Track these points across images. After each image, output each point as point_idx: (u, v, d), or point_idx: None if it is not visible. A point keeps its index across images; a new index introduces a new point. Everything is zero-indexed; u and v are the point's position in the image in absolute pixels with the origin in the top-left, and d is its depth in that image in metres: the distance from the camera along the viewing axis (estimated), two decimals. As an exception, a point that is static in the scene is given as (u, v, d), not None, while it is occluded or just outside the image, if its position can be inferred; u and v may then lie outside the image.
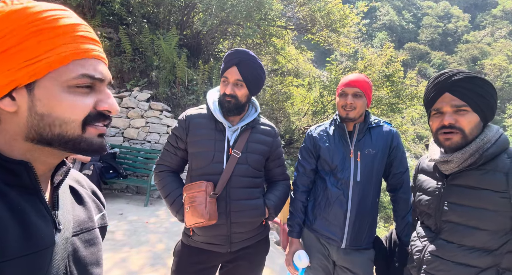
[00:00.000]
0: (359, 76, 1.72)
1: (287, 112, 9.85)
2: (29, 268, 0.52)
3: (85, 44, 0.58)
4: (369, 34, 45.04)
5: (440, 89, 1.18)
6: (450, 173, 1.20)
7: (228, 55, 1.56)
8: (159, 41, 6.52)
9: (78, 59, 0.57)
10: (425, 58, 43.95)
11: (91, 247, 0.69)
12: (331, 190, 1.68)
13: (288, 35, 9.65)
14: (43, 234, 0.56)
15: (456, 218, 1.16)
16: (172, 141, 1.65)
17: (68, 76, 0.55)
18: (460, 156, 1.13)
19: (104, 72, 0.61)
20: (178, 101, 6.58)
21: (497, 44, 43.22)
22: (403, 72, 8.81)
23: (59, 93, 0.55)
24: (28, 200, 0.56)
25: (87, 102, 0.58)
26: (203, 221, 1.44)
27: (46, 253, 0.56)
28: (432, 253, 1.21)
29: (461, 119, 1.13)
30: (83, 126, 0.58)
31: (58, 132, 0.56)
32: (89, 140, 0.60)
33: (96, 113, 0.60)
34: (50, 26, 0.54)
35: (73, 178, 0.77)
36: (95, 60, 0.60)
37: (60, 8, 0.58)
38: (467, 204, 1.13)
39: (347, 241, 1.65)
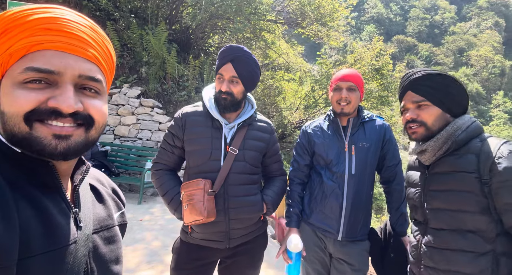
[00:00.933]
0: (352, 71, 1.75)
1: (279, 107, 9.86)
2: (51, 265, 0.53)
3: (45, 36, 0.55)
4: (357, 27, 45.20)
5: (404, 89, 1.30)
6: (430, 163, 1.26)
7: (222, 52, 1.56)
8: (148, 36, 6.42)
9: (31, 53, 0.54)
10: (412, 50, 44.39)
11: (111, 245, 0.70)
12: (327, 183, 1.71)
13: (278, 29, 9.61)
14: (65, 232, 0.57)
15: (439, 204, 1.21)
16: (168, 140, 1.64)
17: (15, 72, 0.54)
18: (433, 144, 1.21)
19: (61, 65, 0.56)
20: (169, 97, 6.52)
21: (483, 35, 43.91)
22: (392, 65, 8.90)
23: (9, 89, 0.54)
24: (51, 198, 0.58)
25: (31, 96, 0.54)
26: (201, 219, 1.45)
27: (68, 250, 0.56)
28: (427, 245, 1.24)
29: (422, 113, 1.23)
30: (28, 122, 0.54)
31: (9, 129, 0.54)
32: (39, 139, 0.54)
33: (47, 110, 0.55)
34: (16, 24, 0.54)
35: (94, 177, 0.78)
36: (56, 52, 0.56)
37: (43, 6, 0.57)
38: (446, 188, 1.19)
39: (343, 233, 1.69)
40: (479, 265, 1.09)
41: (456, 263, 1.14)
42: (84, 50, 0.59)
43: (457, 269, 1.14)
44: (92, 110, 0.60)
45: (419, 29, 47.16)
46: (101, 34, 0.64)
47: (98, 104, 0.62)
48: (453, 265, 1.15)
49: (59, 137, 0.56)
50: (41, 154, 0.56)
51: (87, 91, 0.60)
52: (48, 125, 0.55)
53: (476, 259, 1.10)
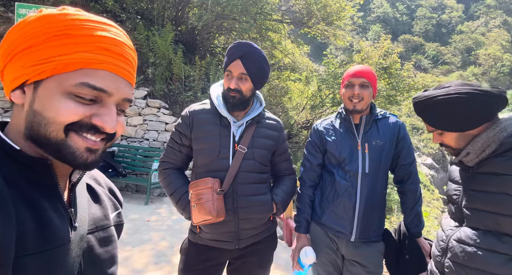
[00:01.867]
0: (365, 67, 1.70)
1: (285, 107, 9.81)
2: (45, 264, 0.53)
3: (104, 56, 0.57)
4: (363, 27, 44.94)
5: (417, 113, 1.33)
6: (474, 164, 1.22)
7: (231, 48, 1.53)
8: (154, 37, 6.44)
9: (87, 68, 0.56)
10: (419, 49, 43.96)
11: (106, 245, 0.70)
12: (340, 182, 1.67)
13: (284, 29, 9.57)
14: (59, 232, 0.57)
15: (478, 204, 1.16)
16: (175, 138, 1.62)
17: (68, 82, 0.55)
18: (471, 147, 1.18)
19: (113, 87, 0.59)
20: (175, 97, 6.52)
21: (491, 34, 43.31)
22: (400, 64, 8.79)
23: (56, 95, 0.55)
24: (47, 197, 0.58)
25: (79, 110, 0.56)
26: (210, 218, 1.42)
27: (62, 250, 0.56)
28: (457, 240, 1.21)
29: (443, 138, 1.27)
30: (66, 130, 0.56)
31: (43, 132, 0.55)
32: (72, 149, 0.57)
33: (88, 124, 0.57)
34: (73, 34, 0.55)
35: (91, 176, 0.78)
36: (110, 73, 0.59)
37: (107, 23, 0.60)
38: (488, 190, 1.14)
39: (356, 234, 1.64)
40: (511, 268, 1.06)
41: (487, 263, 1.11)
42: (131, 75, 0.63)
43: (487, 269, 1.10)
44: (119, 128, 0.63)
45: (426, 28, 46.70)
46: (135, 53, 0.67)
47: (123, 121, 0.65)
48: (483, 265, 1.11)
49: (90, 151, 0.59)
50: (69, 162, 0.58)
51: (119, 111, 0.63)
52: (83, 138, 0.58)
53: (509, 262, 1.07)
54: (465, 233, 1.18)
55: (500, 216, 1.10)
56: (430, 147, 27.69)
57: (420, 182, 1.74)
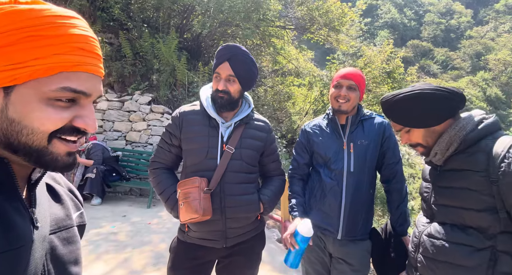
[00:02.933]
0: (355, 70, 1.75)
1: (288, 112, 9.83)
2: (7, 266, 0.51)
3: (81, 57, 0.55)
4: (371, 32, 44.88)
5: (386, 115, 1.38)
6: (441, 163, 1.26)
7: (219, 51, 1.57)
8: (159, 44, 6.57)
9: (66, 72, 0.54)
10: (428, 55, 43.61)
11: (69, 245, 0.68)
12: (326, 181, 1.70)
13: (287, 35, 9.66)
14: (21, 232, 0.55)
15: (444, 200, 1.22)
16: (166, 138, 1.66)
17: (49, 88, 0.52)
18: (437, 147, 1.22)
19: (92, 87, 0.58)
20: (179, 103, 6.61)
21: (500, 39, 42.76)
22: (403, 68, 8.75)
23: (35, 103, 0.52)
24: (5, 197, 0.55)
25: (63, 116, 0.55)
26: (197, 217, 1.45)
27: (24, 251, 0.55)
28: (428, 235, 1.25)
29: (410, 137, 1.30)
30: (50, 138, 0.55)
31: (24, 141, 0.53)
32: (54, 155, 0.56)
33: (70, 127, 0.57)
34: (48, 34, 0.52)
35: (50, 176, 0.75)
36: (88, 74, 0.57)
37: (72, 16, 0.56)
38: (453, 185, 1.19)
39: (343, 232, 1.66)
40: (476, 259, 1.10)
41: (453, 255, 1.14)
42: (101, 69, 0.61)
43: (454, 261, 1.15)
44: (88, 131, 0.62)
45: (435, 33, 46.38)
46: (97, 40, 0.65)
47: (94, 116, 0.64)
48: (450, 257, 1.16)
49: (70, 154, 0.59)
50: (50, 167, 0.57)
51: None
52: (64, 142, 0.57)
53: (473, 253, 1.11)
54: (434, 228, 1.23)
55: (463, 210, 1.14)
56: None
57: (406, 181, 1.75)
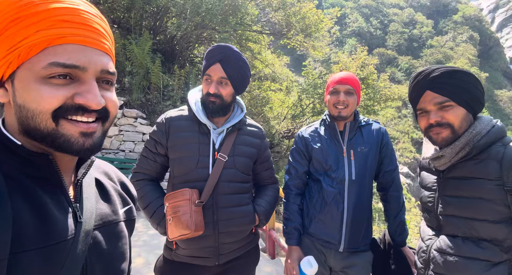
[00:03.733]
0: (350, 74, 1.69)
1: (266, 117, 9.82)
2: (46, 260, 0.51)
3: (66, 29, 0.53)
4: (340, 40, 46.42)
5: (420, 88, 1.18)
6: (445, 169, 1.19)
7: (210, 51, 1.46)
8: (131, 46, 6.29)
9: (52, 46, 0.53)
10: (393, 62, 45.78)
11: (114, 241, 0.68)
12: (327, 190, 1.61)
13: (264, 40, 9.67)
14: (62, 227, 0.56)
15: (452, 210, 1.14)
16: (150, 147, 1.51)
17: (38, 66, 0.52)
18: (450, 151, 1.13)
19: (85, 60, 0.55)
20: (153, 107, 6.35)
21: (459, 48, 45.80)
22: (376, 75, 9.05)
23: (31, 84, 0.52)
24: (50, 192, 0.57)
25: (58, 93, 0.53)
26: (188, 233, 1.31)
27: (64, 246, 0.55)
28: (438, 250, 1.17)
29: (447, 115, 1.12)
30: (55, 119, 0.54)
31: (33, 125, 0.53)
32: (66, 137, 0.55)
33: (73, 106, 0.55)
34: (29, 13, 0.51)
35: (102, 171, 0.76)
36: (77, 45, 0.55)
37: None
38: (462, 195, 1.12)
39: (345, 244, 1.58)
40: (493, 274, 1.03)
41: (469, 271, 1.07)
42: (101, 43, 0.59)
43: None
44: (109, 104, 0.60)
45: (399, 42, 48.83)
46: (107, 23, 0.63)
47: (113, 96, 0.62)
48: (462, 273, 1.08)
49: (85, 135, 0.57)
50: (67, 151, 0.56)
51: (103, 84, 0.60)
52: (74, 122, 0.56)
53: (490, 268, 1.04)
54: (444, 242, 1.15)
55: (476, 221, 1.08)
56: (405, 156, 28.56)
57: (402, 189, 1.71)
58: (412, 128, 32.60)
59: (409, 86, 1.24)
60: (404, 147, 30.10)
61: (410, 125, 32.99)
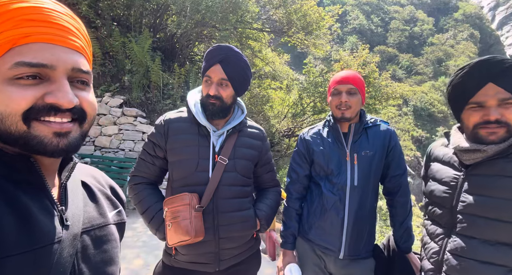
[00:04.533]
0: (352, 72, 1.61)
1: (266, 115, 9.75)
2: (31, 265, 0.51)
3: (30, 28, 0.52)
4: (340, 37, 46.24)
5: (481, 79, 1.05)
6: (471, 163, 1.11)
7: (210, 52, 1.41)
8: (131, 44, 6.23)
9: (18, 46, 0.51)
10: (394, 60, 45.60)
11: (103, 244, 0.67)
12: (327, 195, 1.56)
13: (264, 37, 9.60)
14: (46, 230, 0.54)
15: (474, 210, 1.07)
16: (148, 149, 1.47)
17: (4, 68, 0.50)
18: (495, 148, 1.03)
19: (52, 58, 0.53)
20: (153, 106, 6.30)
21: (459, 46, 45.64)
22: (378, 73, 8.97)
23: None
24: (33, 196, 0.55)
25: (27, 94, 0.51)
26: (188, 239, 1.28)
27: (50, 250, 0.54)
28: (453, 253, 1.11)
29: (507, 113, 1.02)
30: (26, 121, 0.52)
31: (4, 128, 0.52)
32: (39, 138, 0.53)
33: (44, 106, 0.53)
34: None
35: (88, 174, 0.75)
36: (43, 44, 0.53)
37: None
38: (488, 194, 1.05)
39: (345, 251, 1.53)
40: None
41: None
42: (71, 41, 0.57)
43: None
44: (85, 104, 0.59)
45: (400, 40, 48.62)
46: (80, 22, 0.62)
47: (89, 96, 0.60)
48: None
49: (59, 135, 0.55)
50: (42, 152, 0.54)
51: (77, 84, 0.58)
52: (47, 123, 0.54)
53: (507, 274, 0.99)
54: (459, 243, 1.09)
55: (499, 223, 1.01)
56: (406, 154, 28.51)
57: (410, 194, 1.66)
58: (413, 126, 32.54)
59: (460, 75, 1.12)
60: (405, 145, 30.05)
61: (410, 123, 32.90)
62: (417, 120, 33.60)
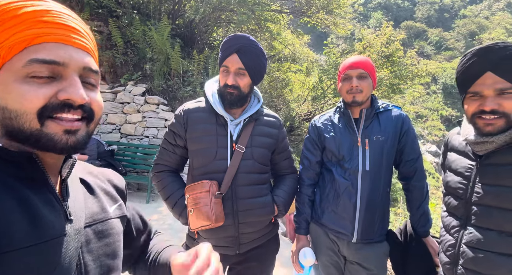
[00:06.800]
0: (362, 57, 1.60)
1: (286, 99, 9.67)
2: (38, 258, 0.52)
3: (44, 29, 0.54)
4: (364, 14, 44.27)
5: (480, 68, 1.02)
6: (485, 153, 1.08)
7: (226, 42, 1.43)
8: (151, 32, 6.29)
9: (33, 45, 0.53)
10: (422, 36, 43.27)
11: (106, 238, 0.68)
12: (339, 181, 1.58)
13: (283, 19, 9.36)
14: (52, 225, 0.56)
15: (490, 200, 1.05)
16: (169, 139, 1.53)
17: (18, 65, 0.52)
18: (503, 138, 1.00)
19: (65, 56, 0.55)
20: (174, 93, 6.42)
21: (495, 17, 42.46)
22: (402, 51, 8.57)
23: (11, 84, 0.52)
24: (38, 191, 0.57)
25: (41, 92, 0.53)
26: (209, 224, 1.35)
27: (56, 243, 0.55)
28: (469, 245, 1.10)
29: (506, 103, 0.98)
30: (41, 119, 0.54)
31: (16, 125, 0.53)
32: (50, 136, 0.55)
33: (58, 104, 0.55)
34: (5, 18, 0.52)
35: (86, 171, 0.76)
36: (56, 44, 0.55)
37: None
38: (503, 183, 1.02)
39: (358, 235, 1.56)
40: None
41: (501, 268, 1.01)
42: (81, 41, 0.59)
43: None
44: (94, 104, 0.61)
45: (428, 13, 45.86)
46: (86, 25, 0.64)
47: (97, 97, 0.62)
48: (497, 270, 1.02)
49: (69, 132, 0.57)
50: (51, 149, 0.56)
51: (87, 85, 0.60)
52: (59, 121, 0.55)
53: None
54: (475, 236, 1.07)
55: None
56: (434, 134, 27.49)
57: (426, 178, 1.64)
58: (442, 105, 31.16)
59: (463, 62, 1.08)
60: (433, 125, 28.94)
61: (439, 101, 31.51)
62: (446, 99, 32.10)
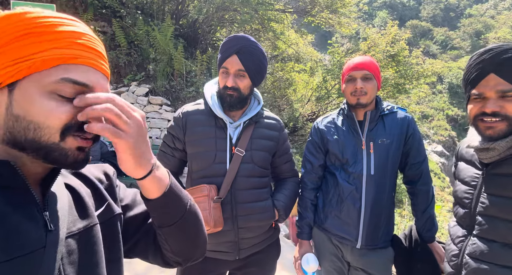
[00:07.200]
0: (366, 58, 1.56)
1: (289, 99, 9.61)
2: (14, 273, 0.50)
3: (80, 51, 0.57)
4: (369, 13, 44.01)
5: (483, 69, 1.00)
6: (491, 162, 1.05)
7: (226, 43, 1.40)
8: (154, 32, 6.30)
9: (65, 64, 0.55)
10: (427, 35, 42.89)
11: (90, 246, 0.66)
12: (343, 185, 1.54)
13: (287, 19, 9.31)
14: (30, 237, 0.54)
15: (494, 211, 1.01)
16: (168, 141, 1.51)
17: (48, 80, 0.53)
18: (504, 144, 0.98)
19: (94, 81, 0.58)
20: (177, 94, 6.41)
21: (500, 16, 41.93)
22: (408, 50, 8.47)
23: (36, 96, 0.53)
24: (16, 201, 0.55)
25: (66, 109, 0.55)
26: (208, 229, 1.32)
27: (33, 257, 0.53)
28: (472, 256, 1.07)
29: (507, 105, 0.96)
30: (63, 135, 0.55)
31: (32, 136, 0.53)
32: (64, 151, 0.56)
33: (77, 123, 0.56)
34: (44, 31, 0.54)
35: (73, 173, 0.74)
36: (88, 67, 0.58)
37: (66, 17, 0.59)
38: (508, 195, 0.99)
39: (363, 241, 1.52)
40: None
41: None
42: (104, 66, 0.62)
43: None
44: None
45: (434, 13, 45.45)
46: (102, 43, 0.66)
47: None
48: None
49: (81, 149, 0.58)
50: (61, 163, 0.57)
51: None
52: (77, 138, 0.57)
53: None
54: (478, 247, 1.04)
55: None
56: (440, 134, 27.23)
57: (431, 181, 1.59)
58: (448, 105, 30.86)
59: (469, 64, 1.07)
60: (439, 124, 28.65)
61: (445, 101, 31.20)
62: (452, 98, 31.78)
